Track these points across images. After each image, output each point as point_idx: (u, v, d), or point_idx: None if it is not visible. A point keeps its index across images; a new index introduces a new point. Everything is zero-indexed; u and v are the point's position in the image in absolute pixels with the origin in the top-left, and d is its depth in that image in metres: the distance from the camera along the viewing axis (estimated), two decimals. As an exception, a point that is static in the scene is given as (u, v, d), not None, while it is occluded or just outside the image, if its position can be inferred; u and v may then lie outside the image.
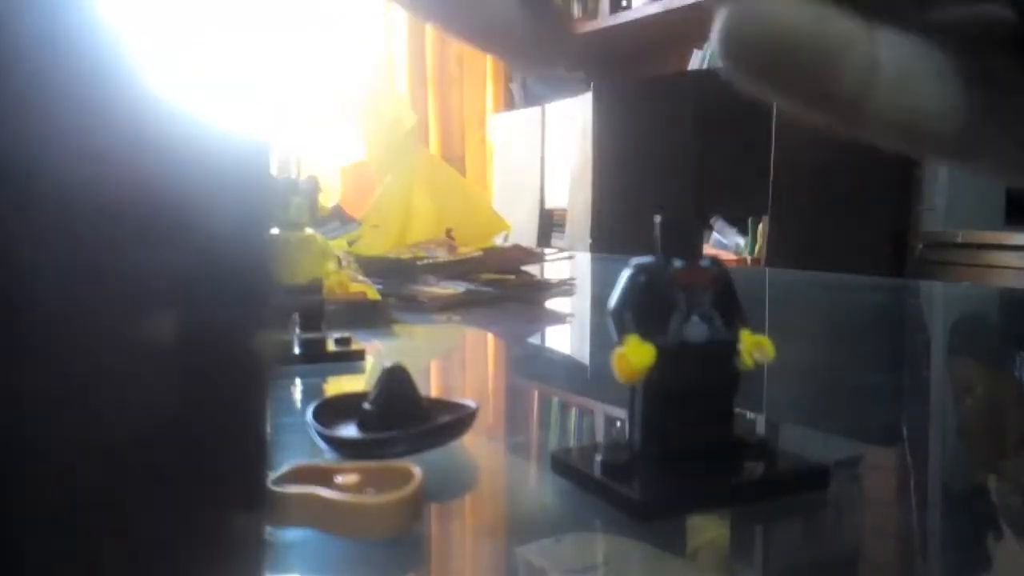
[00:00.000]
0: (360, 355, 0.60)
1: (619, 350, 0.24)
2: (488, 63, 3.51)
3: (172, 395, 0.10)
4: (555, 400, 0.57)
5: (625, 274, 0.24)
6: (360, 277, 0.86)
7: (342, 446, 0.37)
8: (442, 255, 1.02)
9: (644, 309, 0.23)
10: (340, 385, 0.57)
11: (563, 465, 0.32)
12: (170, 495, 0.10)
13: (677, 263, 0.23)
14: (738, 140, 2.24)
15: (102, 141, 0.10)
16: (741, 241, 2.67)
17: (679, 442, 0.29)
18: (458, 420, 0.38)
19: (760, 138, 2.37)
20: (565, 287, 1.04)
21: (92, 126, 0.09)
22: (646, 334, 0.23)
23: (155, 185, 0.10)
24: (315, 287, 0.63)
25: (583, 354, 0.75)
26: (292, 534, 0.29)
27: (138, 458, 0.10)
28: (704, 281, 0.23)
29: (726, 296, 0.23)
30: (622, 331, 0.24)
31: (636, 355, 0.23)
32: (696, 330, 0.23)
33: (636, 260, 0.24)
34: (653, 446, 0.29)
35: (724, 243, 2.67)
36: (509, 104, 3.52)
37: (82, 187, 0.09)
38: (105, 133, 0.10)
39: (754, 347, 0.27)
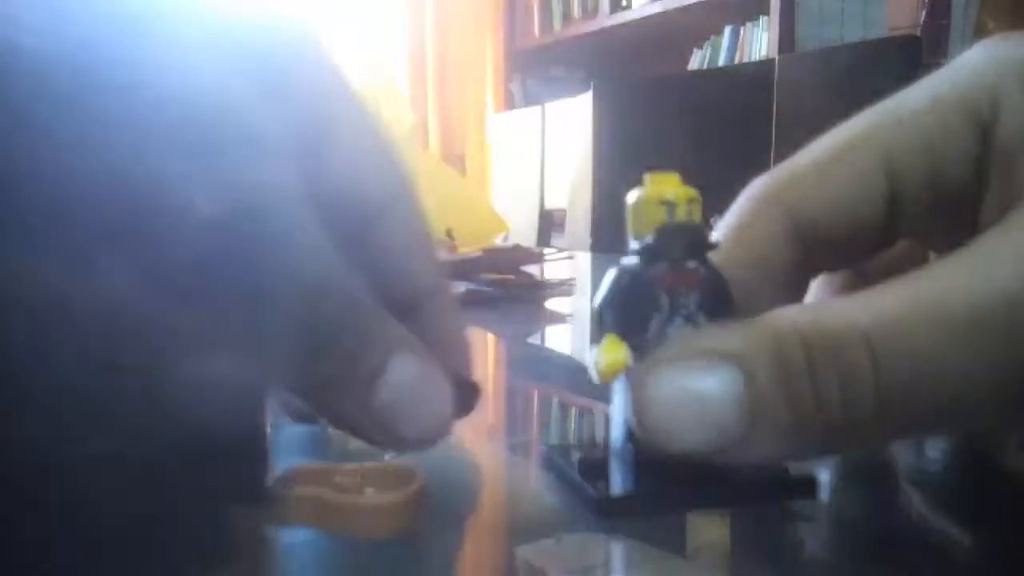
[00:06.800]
0: (360, 355, 0.60)
1: (595, 349, 0.24)
2: (488, 63, 3.50)
3: (172, 396, 0.10)
4: (555, 400, 0.57)
5: (610, 275, 0.24)
6: (360, 277, 0.85)
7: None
8: (442, 255, 1.02)
9: (625, 309, 0.23)
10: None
11: (548, 462, 0.32)
12: (171, 496, 0.10)
13: (662, 264, 0.23)
14: (738, 140, 2.24)
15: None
16: (741, 241, 2.67)
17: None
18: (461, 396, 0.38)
19: (760, 138, 2.37)
20: (565, 287, 1.04)
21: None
22: (624, 334, 0.23)
23: (148, 187, 0.10)
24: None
25: (583, 354, 0.75)
26: (292, 534, 0.29)
27: (139, 459, 0.10)
28: (689, 283, 0.23)
29: (716, 298, 0.23)
30: (601, 331, 0.24)
31: (609, 355, 0.23)
32: (678, 332, 0.23)
33: (623, 260, 0.24)
34: (629, 445, 0.29)
35: (724, 243, 2.66)
36: (509, 104, 3.51)
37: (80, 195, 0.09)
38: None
39: None
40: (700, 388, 0.18)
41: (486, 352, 0.78)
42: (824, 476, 0.31)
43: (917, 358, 0.17)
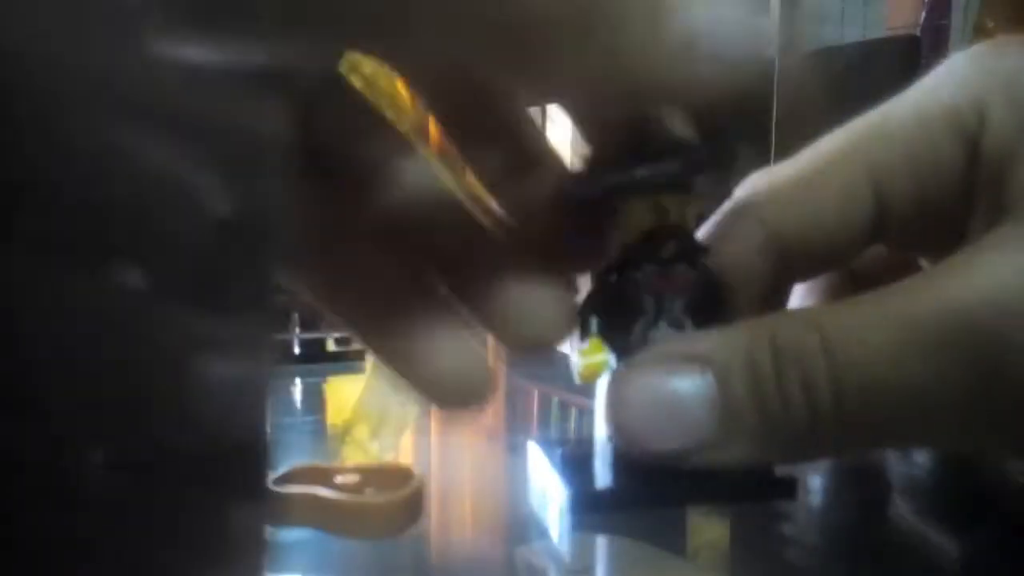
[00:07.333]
0: (360, 355, 0.60)
1: (576, 352, 0.24)
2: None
3: (172, 395, 0.10)
4: (555, 400, 0.57)
5: (596, 276, 0.24)
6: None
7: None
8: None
9: (609, 312, 0.23)
10: (340, 385, 0.57)
11: (533, 457, 0.32)
12: (171, 495, 0.10)
13: (649, 267, 0.23)
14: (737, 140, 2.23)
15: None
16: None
17: None
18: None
19: (760, 138, 2.37)
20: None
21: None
22: (608, 337, 0.23)
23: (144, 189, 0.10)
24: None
25: (583, 354, 0.75)
26: (292, 534, 0.29)
27: (138, 458, 0.10)
28: (675, 286, 0.23)
29: (706, 302, 0.23)
30: (584, 334, 0.24)
31: (589, 358, 0.23)
32: (663, 336, 0.22)
33: (614, 263, 0.24)
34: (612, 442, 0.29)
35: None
36: (509, 104, 3.51)
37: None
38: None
39: None
40: (674, 391, 0.18)
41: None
42: (817, 480, 0.31)
43: (874, 365, 0.17)
